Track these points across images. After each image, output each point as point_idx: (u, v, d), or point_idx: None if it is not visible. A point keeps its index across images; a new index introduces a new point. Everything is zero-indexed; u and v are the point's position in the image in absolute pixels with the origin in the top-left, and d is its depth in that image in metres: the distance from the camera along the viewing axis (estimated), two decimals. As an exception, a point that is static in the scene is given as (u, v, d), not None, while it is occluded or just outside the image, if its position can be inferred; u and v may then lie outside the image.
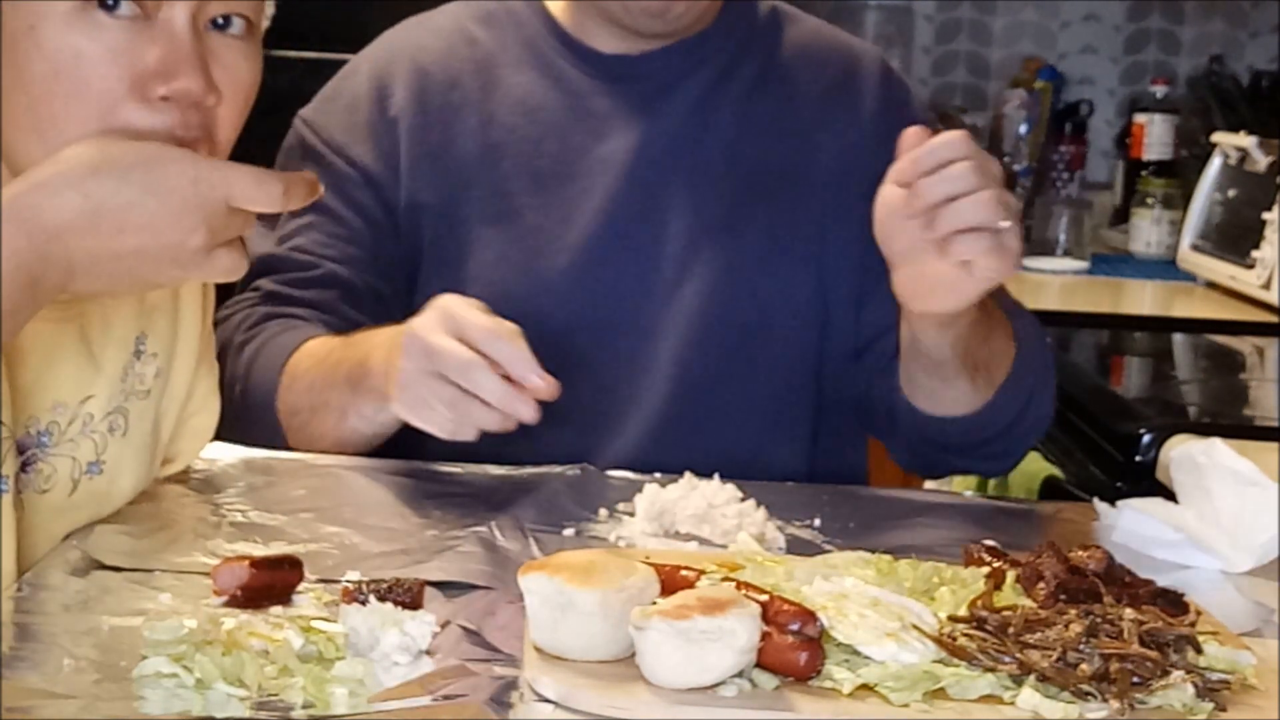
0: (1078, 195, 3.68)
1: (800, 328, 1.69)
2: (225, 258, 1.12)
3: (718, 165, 1.70)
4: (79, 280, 1.08)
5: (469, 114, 1.70)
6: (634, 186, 1.68)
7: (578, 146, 1.69)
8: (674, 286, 1.67)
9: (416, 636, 1.06)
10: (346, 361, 1.51)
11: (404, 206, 1.69)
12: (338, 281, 1.66)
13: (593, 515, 1.40)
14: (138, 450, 1.34)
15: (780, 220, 1.69)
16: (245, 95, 1.22)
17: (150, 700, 0.97)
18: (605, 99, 1.70)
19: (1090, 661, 1.02)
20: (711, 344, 1.66)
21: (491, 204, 1.68)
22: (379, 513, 1.38)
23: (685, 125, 1.70)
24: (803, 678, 1.01)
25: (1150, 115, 3.61)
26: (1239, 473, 1.38)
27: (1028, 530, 1.41)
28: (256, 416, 1.57)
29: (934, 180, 1.35)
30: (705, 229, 1.68)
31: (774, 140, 1.71)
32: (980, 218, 1.35)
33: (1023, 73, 3.82)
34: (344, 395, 1.51)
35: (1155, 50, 3.88)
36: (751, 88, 1.73)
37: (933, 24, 3.91)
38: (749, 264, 1.68)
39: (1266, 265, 2.81)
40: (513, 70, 1.72)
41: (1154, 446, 1.90)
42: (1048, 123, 3.74)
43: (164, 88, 1.16)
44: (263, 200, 1.11)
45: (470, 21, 1.76)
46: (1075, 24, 3.89)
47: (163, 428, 1.38)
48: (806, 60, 1.75)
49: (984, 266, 1.37)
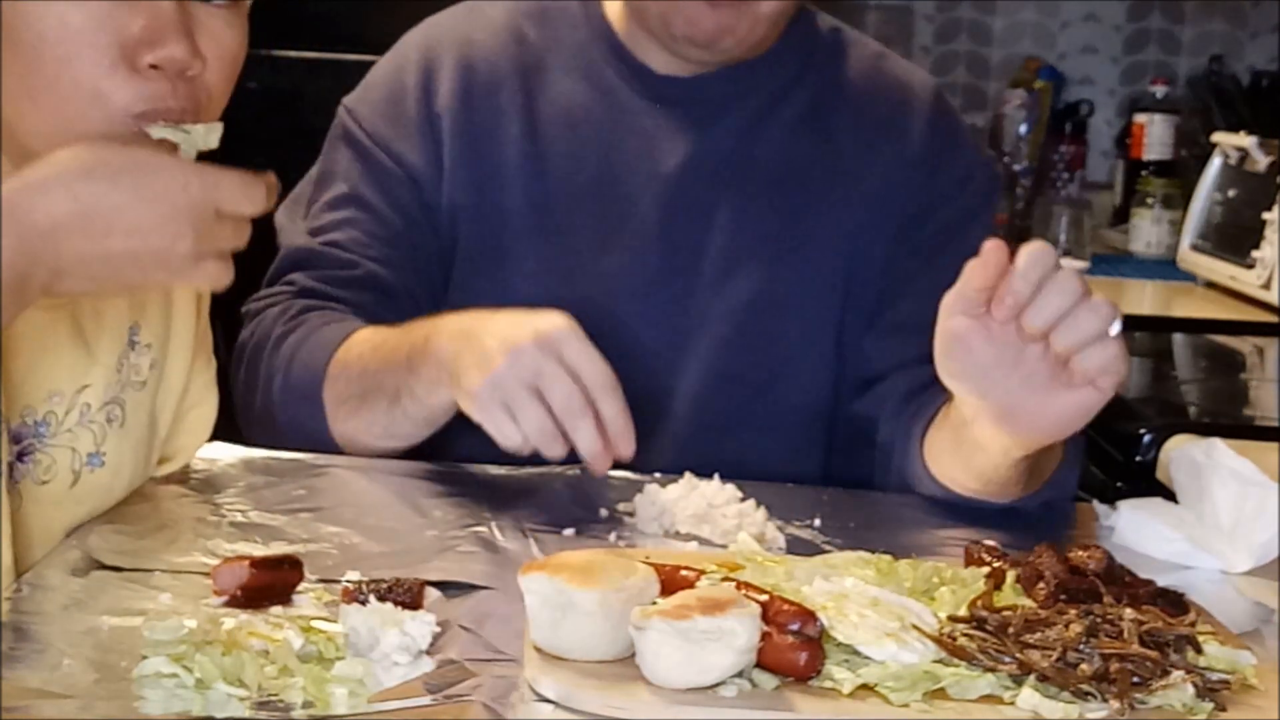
0: (1078, 195, 3.68)
1: (822, 352, 1.68)
2: (212, 266, 1.12)
3: (760, 189, 1.68)
4: (66, 281, 1.09)
5: (512, 119, 1.68)
6: (677, 207, 1.66)
7: (622, 164, 1.67)
8: (708, 308, 1.66)
9: (416, 636, 1.06)
10: (405, 345, 1.49)
11: (444, 206, 1.67)
12: (377, 283, 1.65)
13: (593, 515, 1.40)
14: (136, 444, 1.34)
15: (815, 246, 1.68)
16: (232, 63, 1.23)
17: (150, 700, 0.97)
18: (653, 118, 1.68)
19: (1090, 661, 1.02)
20: (741, 366, 1.66)
21: (533, 215, 1.66)
22: (379, 513, 1.38)
23: (732, 149, 1.68)
24: (803, 678, 1.01)
25: (1150, 115, 3.61)
26: (1239, 473, 1.39)
27: (1028, 530, 1.41)
28: (298, 408, 1.55)
29: (1045, 299, 1.26)
30: (744, 251, 1.67)
31: (817, 169, 1.69)
32: (1098, 326, 1.27)
33: (1023, 73, 3.82)
34: (400, 376, 1.48)
35: (1155, 50, 3.88)
36: (801, 115, 1.70)
37: (933, 24, 3.91)
38: (781, 291, 1.67)
39: (1266, 265, 2.81)
40: (561, 75, 1.70)
41: (1154, 446, 1.90)
42: (1048, 123, 3.75)
43: (151, 55, 1.17)
44: (248, 205, 1.12)
45: (523, 18, 1.73)
46: (1075, 24, 3.89)
47: (160, 421, 1.39)
48: (859, 90, 1.72)
49: (1112, 375, 1.29)
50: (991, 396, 1.33)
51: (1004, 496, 1.47)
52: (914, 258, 1.66)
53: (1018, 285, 1.26)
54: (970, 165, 1.74)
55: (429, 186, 1.67)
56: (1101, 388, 1.30)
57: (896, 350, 1.63)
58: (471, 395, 1.40)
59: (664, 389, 1.66)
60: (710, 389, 1.66)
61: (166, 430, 1.41)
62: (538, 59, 1.71)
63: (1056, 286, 1.26)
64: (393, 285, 1.65)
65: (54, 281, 1.08)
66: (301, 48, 3.24)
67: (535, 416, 1.37)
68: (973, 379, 1.33)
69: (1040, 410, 1.32)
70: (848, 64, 1.74)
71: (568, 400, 1.37)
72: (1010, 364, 1.31)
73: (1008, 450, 1.39)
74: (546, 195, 1.67)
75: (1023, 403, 1.32)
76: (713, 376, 1.66)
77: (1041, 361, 1.29)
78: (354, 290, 1.64)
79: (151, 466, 1.40)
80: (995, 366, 1.31)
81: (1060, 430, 1.36)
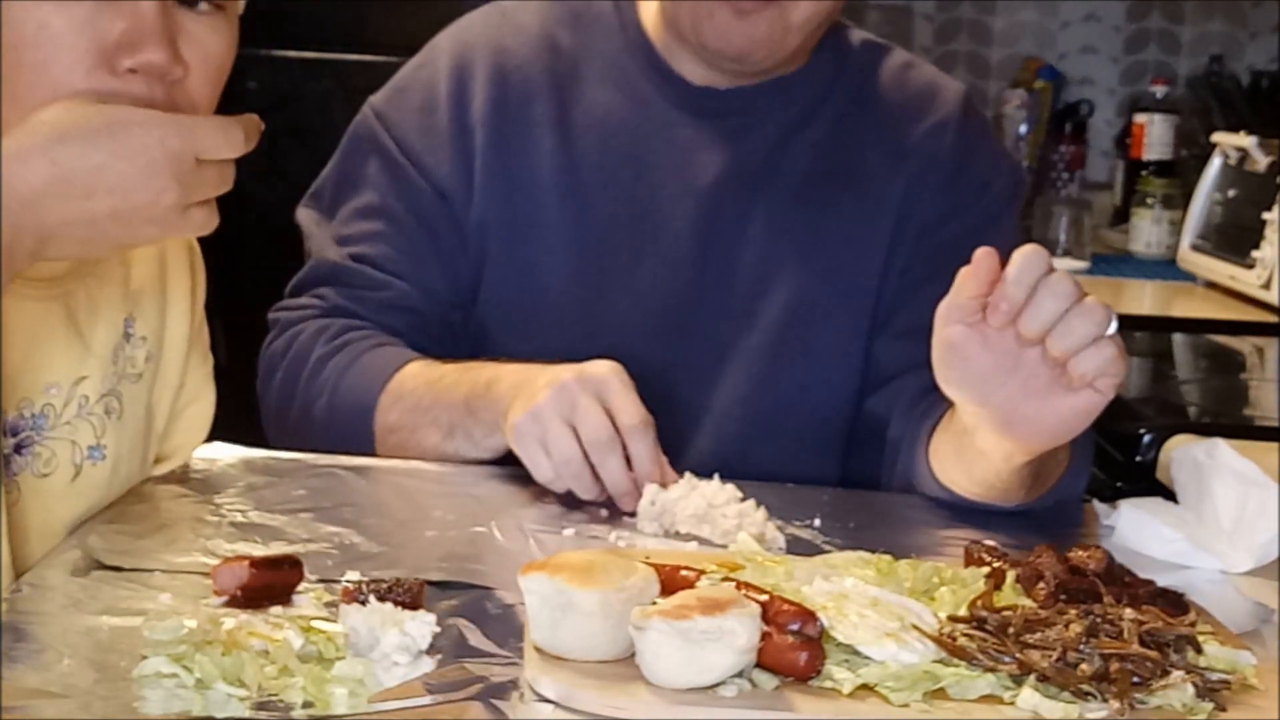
0: (1078, 195, 3.68)
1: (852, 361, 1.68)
2: (198, 214, 1.14)
3: (792, 201, 1.68)
4: (53, 246, 1.10)
5: (545, 131, 1.67)
6: (710, 220, 1.66)
7: (656, 177, 1.66)
8: (742, 321, 1.66)
9: (416, 636, 1.06)
10: (465, 384, 1.51)
11: (474, 220, 1.66)
12: (408, 305, 1.64)
13: (593, 515, 1.40)
14: (134, 437, 1.35)
15: (847, 258, 1.68)
16: (216, 68, 1.23)
17: (150, 700, 0.97)
18: (688, 130, 1.68)
19: (1090, 661, 1.02)
20: (774, 377, 1.66)
21: (566, 228, 1.65)
22: (379, 513, 1.38)
23: (764, 162, 1.68)
24: (803, 678, 1.01)
25: (1150, 115, 3.61)
26: (1241, 473, 1.38)
27: (1028, 530, 1.41)
28: (344, 430, 1.55)
29: (1038, 304, 1.25)
30: (776, 264, 1.67)
31: (846, 180, 1.69)
32: (1094, 328, 1.26)
33: (1023, 73, 3.82)
34: (457, 414, 1.50)
35: (1155, 50, 3.89)
36: (832, 128, 1.70)
37: (933, 24, 3.91)
38: (813, 302, 1.67)
39: (1266, 265, 2.81)
40: (594, 85, 1.69)
41: (1154, 446, 1.90)
42: (1048, 123, 3.75)
43: (129, 60, 1.17)
44: (228, 149, 1.13)
45: (556, 24, 1.71)
46: (1075, 24, 3.90)
47: (157, 415, 1.39)
48: (888, 101, 1.73)
49: (1110, 377, 1.28)
50: (991, 403, 1.33)
51: (1008, 502, 1.47)
52: (930, 261, 1.66)
53: (1011, 291, 1.26)
54: (993, 171, 1.73)
55: (458, 200, 1.66)
56: (1101, 390, 1.29)
57: (910, 352, 1.62)
58: (513, 427, 1.43)
59: (698, 402, 1.66)
60: (744, 401, 1.66)
61: (164, 425, 1.41)
62: (571, 68, 1.69)
63: (1050, 290, 1.25)
64: (423, 308, 1.64)
65: (41, 247, 1.09)
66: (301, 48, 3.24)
67: (566, 448, 1.39)
68: (972, 386, 1.33)
69: (1040, 415, 1.32)
70: (878, 75, 1.74)
71: (596, 433, 1.39)
72: (1008, 370, 1.30)
73: (1010, 456, 1.39)
74: (580, 208, 1.66)
75: (1023, 408, 1.32)
76: (747, 389, 1.66)
77: (1039, 366, 1.29)
78: (386, 313, 1.64)
79: (149, 462, 1.40)
80: (993, 373, 1.31)
81: (1061, 434, 1.36)
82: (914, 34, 3.89)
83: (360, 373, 1.56)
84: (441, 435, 1.51)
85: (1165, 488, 1.59)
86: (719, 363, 1.66)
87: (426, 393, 1.53)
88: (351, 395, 1.56)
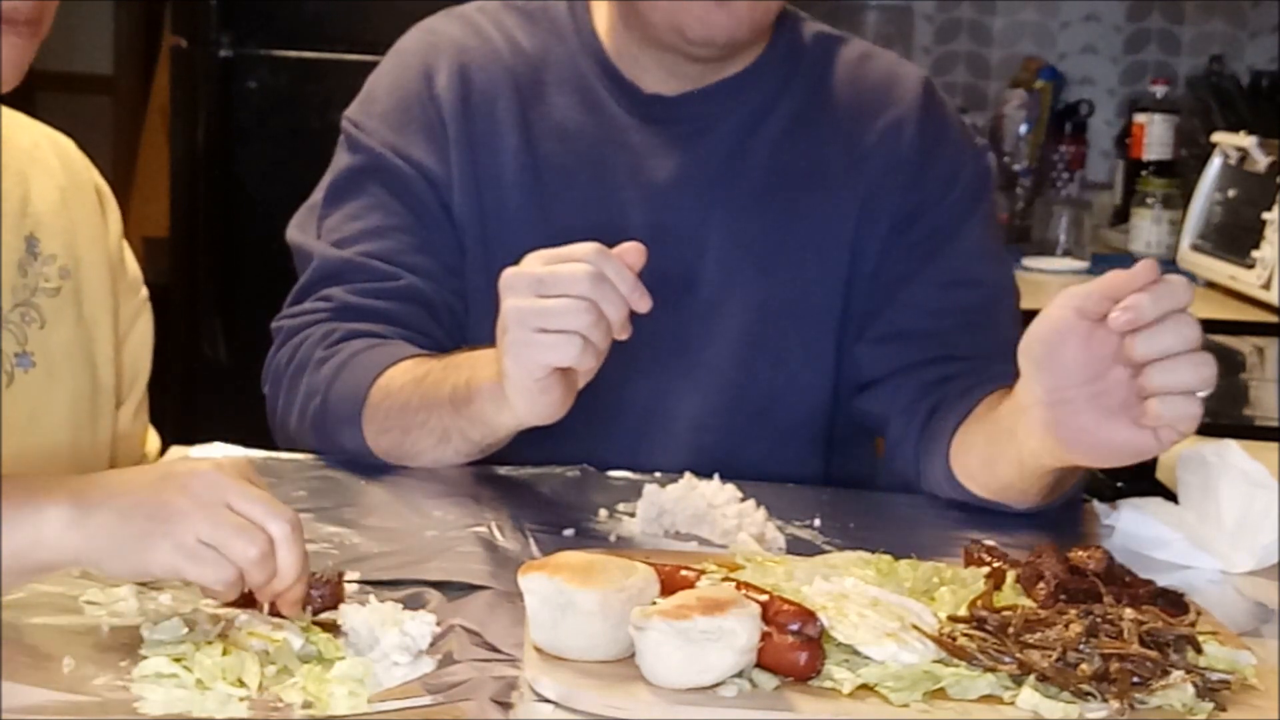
0: (1078, 195, 3.68)
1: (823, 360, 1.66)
2: None
3: (752, 201, 1.66)
4: None
5: (509, 131, 1.66)
6: (668, 223, 1.64)
7: (613, 179, 1.66)
8: (707, 322, 1.65)
9: (416, 636, 1.06)
10: (448, 383, 1.48)
11: (456, 208, 1.66)
12: (420, 296, 1.63)
13: (593, 515, 1.40)
14: (67, 345, 1.40)
15: (812, 255, 1.66)
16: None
17: (150, 700, 0.97)
18: (641, 135, 1.67)
19: (1090, 661, 1.02)
20: (744, 377, 1.65)
21: (531, 227, 1.63)
22: (379, 513, 1.38)
23: (721, 163, 1.66)
24: (803, 678, 1.01)
25: (1150, 115, 3.61)
26: (1249, 475, 1.38)
27: (1028, 530, 1.41)
28: (336, 433, 1.54)
29: (1160, 334, 1.22)
30: (739, 264, 1.65)
31: (807, 177, 1.67)
32: (1192, 381, 1.23)
33: (1023, 73, 3.82)
34: (446, 417, 1.48)
35: (1155, 50, 3.89)
36: (789, 125, 1.68)
37: (933, 24, 3.91)
38: (780, 301, 1.65)
39: (1266, 265, 2.81)
40: (553, 87, 1.68)
41: (1154, 447, 1.89)
42: (1048, 123, 3.75)
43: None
44: None
45: (515, 26, 1.71)
46: (1075, 24, 3.90)
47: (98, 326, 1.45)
48: (846, 93, 1.70)
49: (1178, 433, 1.25)
50: (1058, 395, 1.31)
51: (1019, 504, 1.46)
52: (906, 261, 1.65)
53: (1145, 306, 1.23)
54: (957, 161, 1.70)
55: (443, 187, 1.66)
56: (1161, 438, 1.26)
57: (896, 355, 1.62)
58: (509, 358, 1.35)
59: (666, 404, 1.65)
60: (714, 402, 1.65)
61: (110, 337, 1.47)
62: (532, 70, 1.69)
63: (1177, 327, 1.23)
64: (431, 297, 1.63)
65: None
66: (301, 48, 3.24)
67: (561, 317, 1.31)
68: (1051, 372, 1.31)
69: (1095, 431, 1.30)
70: (833, 70, 1.71)
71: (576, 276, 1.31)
72: (1091, 375, 1.29)
73: (1039, 456, 1.37)
74: (543, 208, 1.65)
75: (1083, 417, 1.30)
76: (716, 389, 1.65)
77: (1120, 388, 1.28)
78: (397, 302, 1.61)
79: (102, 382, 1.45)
80: (1077, 369, 1.29)
81: (1101, 459, 1.34)
82: (914, 34, 3.89)
83: (350, 374, 1.54)
84: (434, 439, 1.49)
85: (1165, 488, 1.59)
86: (688, 365, 1.65)
87: (413, 392, 1.50)
88: (341, 396, 1.54)
